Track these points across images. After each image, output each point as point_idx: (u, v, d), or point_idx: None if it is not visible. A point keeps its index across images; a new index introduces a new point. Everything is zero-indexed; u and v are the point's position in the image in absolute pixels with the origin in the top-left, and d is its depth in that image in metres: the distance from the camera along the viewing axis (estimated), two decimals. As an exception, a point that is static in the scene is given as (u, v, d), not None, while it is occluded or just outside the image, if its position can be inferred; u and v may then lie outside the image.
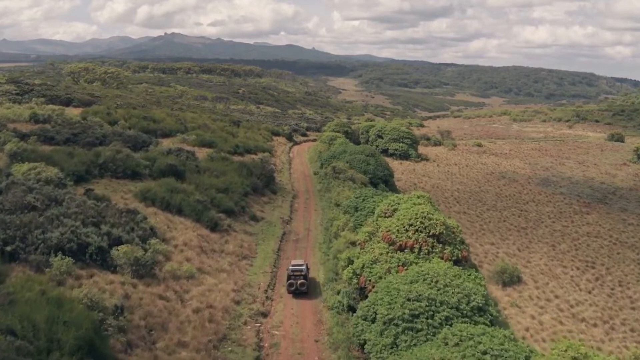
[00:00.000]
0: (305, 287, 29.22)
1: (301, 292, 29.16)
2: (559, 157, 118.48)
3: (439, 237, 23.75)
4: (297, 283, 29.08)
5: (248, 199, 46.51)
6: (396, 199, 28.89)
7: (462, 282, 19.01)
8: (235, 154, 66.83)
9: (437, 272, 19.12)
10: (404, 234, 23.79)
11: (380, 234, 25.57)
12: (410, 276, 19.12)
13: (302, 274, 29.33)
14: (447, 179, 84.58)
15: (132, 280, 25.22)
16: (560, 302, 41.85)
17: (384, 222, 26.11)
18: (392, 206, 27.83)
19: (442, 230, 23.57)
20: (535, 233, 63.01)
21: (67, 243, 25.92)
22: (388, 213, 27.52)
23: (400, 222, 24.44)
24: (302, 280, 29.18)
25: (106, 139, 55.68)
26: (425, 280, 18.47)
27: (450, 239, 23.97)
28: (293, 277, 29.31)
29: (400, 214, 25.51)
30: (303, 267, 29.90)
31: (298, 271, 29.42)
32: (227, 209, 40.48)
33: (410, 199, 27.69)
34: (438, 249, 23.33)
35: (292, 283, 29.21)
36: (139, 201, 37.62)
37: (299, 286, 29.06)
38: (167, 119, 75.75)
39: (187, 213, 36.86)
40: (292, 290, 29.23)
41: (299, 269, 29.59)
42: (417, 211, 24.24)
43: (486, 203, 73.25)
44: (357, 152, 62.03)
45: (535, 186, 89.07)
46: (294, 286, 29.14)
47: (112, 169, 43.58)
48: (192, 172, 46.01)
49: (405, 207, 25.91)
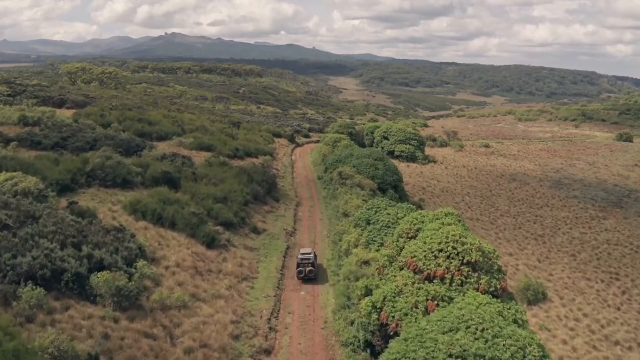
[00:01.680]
0: (313, 273, 31.60)
1: (309, 278, 31.46)
2: (569, 158, 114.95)
3: (474, 265, 20.19)
4: (305, 270, 31.45)
5: (248, 209, 42.93)
6: (419, 216, 25.24)
7: (513, 329, 15.46)
8: (235, 158, 63.32)
9: (482, 317, 15.57)
10: (433, 261, 20.23)
11: (402, 259, 21.99)
12: (448, 321, 15.57)
13: (310, 262, 31.73)
14: (456, 182, 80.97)
15: (113, 313, 21.68)
16: (591, 322, 38.29)
17: (407, 246, 22.50)
18: (415, 225, 24.27)
19: (478, 257, 20.02)
20: (554, 241, 59.43)
21: (40, 269, 22.39)
22: (411, 233, 23.96)
23: (427, 247, 20.85)
24: (310, 267, 31.58)
25: (97, 143, 52.13)
26: (468, 329, 14.92)
27: (486, 266, 20.43)
28: (302, 264, 31.61)
29: (425, 235, 21.92)
30: (311, 255, 32.36)
31: (306, 259, 31.88)
32: (225, 221, 36.91)
33: (437, 217, 24.10)
34: (473, 279, 19.78)
35: (301, 270, 31.53)
36: (129, 214, 34.07)
37: (308, 273, 31.44)
38: (163, 120, 72.20)
39: (181, 227, 33.30)
40: (301, 277, 31.51)
41: (307, 257, 32.03)
42: (448, 233, 20.70)
43: (499, 208, 69.66)
44: (364, 155, 58.37)
45: (547, 189, 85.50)
46: (303, 273, 31.46)
47: (100, 177, 40.04)
48: (187, 179, 42.42)
49: (432, 227, 22.33)
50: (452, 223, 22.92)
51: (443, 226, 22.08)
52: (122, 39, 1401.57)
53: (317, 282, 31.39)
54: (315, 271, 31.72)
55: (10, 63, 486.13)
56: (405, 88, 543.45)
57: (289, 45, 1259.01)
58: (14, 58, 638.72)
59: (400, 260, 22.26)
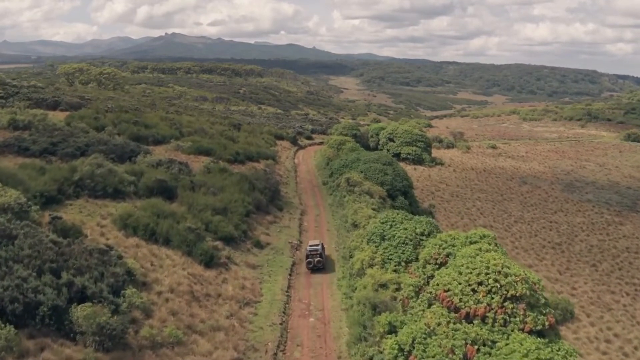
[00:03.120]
0: (321, 264, 33.72)
1: (318, 269, 33.59)
2: (578, 160, 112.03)
3: (518, 299, 17.12)
4: (314, 261, 33.54)
5: (250, 220, 39.82)
6: (449, 238, 22.06)
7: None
8: (236, 163, 60.19)
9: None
10: (471, 297, 17.19)
11: (432, 290, 18.92)
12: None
13: (318, 253, 33.88)
14: (465, 186, 77.85)
15: (95, 354, 18.59)
16: (623, 344, 35.24)
17: (438, 275, 19.40)
18: (444, 249, 21.16)
19: (524, 291, 16.96)
20: (572, 250, 56.37)
21: (11, 304, 19.31)
22: (440, 259, 20.85)
23: (463, 278, 17.77)
24: (318, 258, 33.69)
25: (89, 149, 49.01)
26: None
27: (532, 300, 17.39)
28: (311, 256, 33.77)
29: (459, 263, 18.82)
30: (319, 247, 34.57)
31: (315, 251, 33.98)
32: (225, 236, 33.84)
33: (471, 240, 20.97)
34: (519, 317, 16.73)
35: (310, 261, 33.65)
36: (119, 229, 30.98)
37: (316, 263, 33.56)
38: (160, 123, 69.05)
39: (177, 244, 30.20)
40: (310, 267, 33.63)
41: (316, 249, 34.21)
42: (488, 263, 17.62)
43: (512, 214, 66.54)
44: (372, 160, 55.25)
45: (560, 193, 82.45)
46: (312, 264, 33.57)
47: (89, 187, 36.90)
48: (184, 188, 39.30)
49: (467, 254, 19.21)
50: (490, 249, 19.81)
51: (480, 252, 18.98)
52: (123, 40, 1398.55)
53: (326, 271, 33.69)
54: (323, 261, 33.87)
55: (11, 64, 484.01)
56: (406, 87, 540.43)
57: (289, 45, 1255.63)
58: (14, 59, 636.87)
59: (429, 291, 19.17)
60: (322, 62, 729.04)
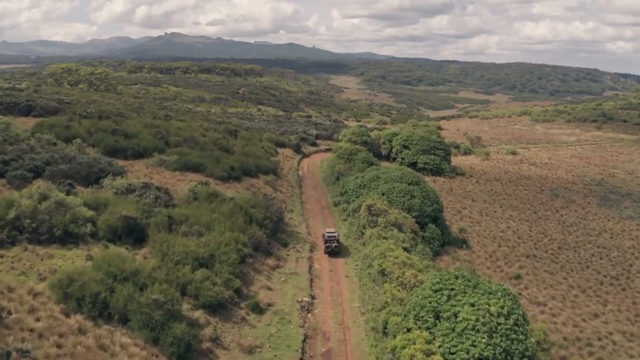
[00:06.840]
0: (338, 248, 37.90)
1: (335, 252, 37.68)
2: (605, 167, 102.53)
3: None
4: (332, 245, 37.73)
5: (246, 269, 30.32)
6: None
7: None
8: (230, 180, 50.75)
9: None
10: None
11: None
12: None
13: (335, 239, 38.33)
14: (493, 202, 68.26)
15: None
16: None
17: None
18: None
19: None
20: (633, 286, 46.91)
21: None
22: None
23: None
24: (336, 243, 38.04)
25: (47, 168, 39.55)
26: None
27: None
28: (329, 241, 38.08)
29: None
30: (335, 234, 38.92)
31: (332, 237, 38.37)
32: (210, 302, 24.30)
33: None
34: None
35: (328, 245, 37.85)
36: (56, 301, 21.54)
37: (334, 248, 37.73)
38: (144, 132, 59.48)
39: (138, 327, 20.71)
40: (328, 251, 37.74)
41: (333, 235, 38.58)
42: None
43: (553, 237, 56.94)
44: (396, 178, 45.61)
45: (597, 207, 72.96)
46: (330, 248, 37.73)
47: (30, 229, 27.50)
48: (159, 227, 29.74)
49: None
50: None
51: None
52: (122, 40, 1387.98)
53: (340, 256, 37.52)
54: (339, 247, 38.13)
55: (10, 64, 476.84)
56: (408, 87, 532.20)
57: (288, 45, 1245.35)
58: (13, 59, 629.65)
59: None
60: (322, 62, 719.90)
